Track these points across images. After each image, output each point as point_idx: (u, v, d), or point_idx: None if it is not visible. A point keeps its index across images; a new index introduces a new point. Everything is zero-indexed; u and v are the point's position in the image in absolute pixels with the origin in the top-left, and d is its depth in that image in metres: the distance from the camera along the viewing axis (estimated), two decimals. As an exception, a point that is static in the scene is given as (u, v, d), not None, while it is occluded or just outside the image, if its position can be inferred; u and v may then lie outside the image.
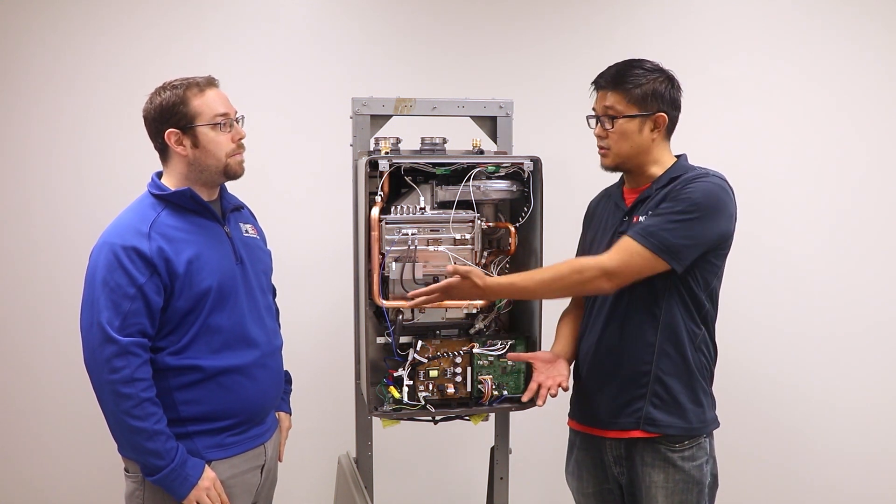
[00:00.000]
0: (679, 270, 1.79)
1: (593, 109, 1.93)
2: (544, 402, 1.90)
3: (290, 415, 2.06)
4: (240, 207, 1.96)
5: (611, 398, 1.91)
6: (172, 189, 1.79)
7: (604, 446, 1.95)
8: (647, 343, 1.86)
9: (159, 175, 1.84)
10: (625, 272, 1.79)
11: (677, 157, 1.95)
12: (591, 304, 1.98)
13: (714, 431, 1.94)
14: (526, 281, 1.85)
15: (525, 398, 1.95)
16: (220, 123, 1.77)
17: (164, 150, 1.80)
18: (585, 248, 2.06)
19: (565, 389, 1.91)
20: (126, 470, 1.79)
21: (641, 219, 1.85)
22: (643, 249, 1.77)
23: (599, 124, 1.90)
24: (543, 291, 1.87)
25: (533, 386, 1.90)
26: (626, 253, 1.79)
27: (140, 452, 1.68)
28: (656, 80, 1.87)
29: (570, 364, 1.98)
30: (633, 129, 1.86)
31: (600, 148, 1.92)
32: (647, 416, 1.86)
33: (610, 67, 1.91)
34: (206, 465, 1.75)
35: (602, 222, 2.01)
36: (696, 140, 2.12)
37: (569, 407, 2.09)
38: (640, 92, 1.85)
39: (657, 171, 1.91)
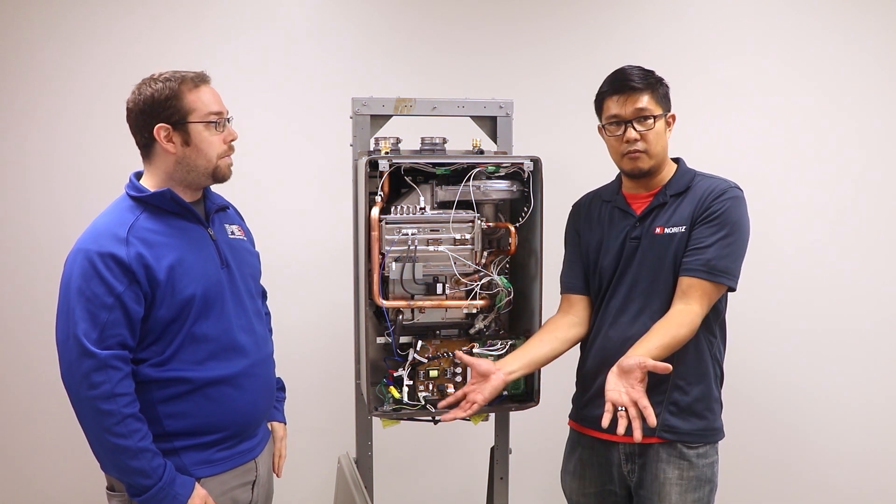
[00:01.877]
0: (735, 288, 1.86)
1: (615, 116, 1.89)
2: (452, 419, 1.86)
3: (285, 424, 1.99)
4: (225, 207, 1.86)
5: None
6: (152, 190, 1.68)
7: (614, 446, 1.94)
8: None
9: (138, 175, 1.74)
10: (704, 313, 1.84)
11: (674, 160, 1.97)
12: (605, 306, 1.97)
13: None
14: (652, 354, 1.76)
15: (442, 405, 1.92)
16: (214, 122, 1.68)
17: (148, 147, 1.69)
18: (585, 251, 2.03)
19: (467, 415, 1.86)
20: (110, 489, 1.70)
21: (663, 229, 1.87)
22: (715, 286, 1.83)
23: (630, 128, 1.87)
24: (666, 354, 1.79)
25: (459, 394, 1.89)
26: (705, 295, 1.82)
27: (124, 472, 1.58)
28: (664, 81, 1.92)
29: (507, 383, 1.88)
30: (663, 128, 1.90)
31: (634, 152, 1.88)
32: (664, 423, 1.87)
33: (625, 71, 1.90)
34: (196, 483, 1.66)
35: (605, 226, 1.99)
36: (696, 140, 2.12)
37: (570, 406, 2.08)
38: (662, 92, 1.91)
39: (666, 174, 1.94)
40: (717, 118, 2.87)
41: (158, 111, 1.65)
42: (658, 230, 1.89)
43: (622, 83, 1.89)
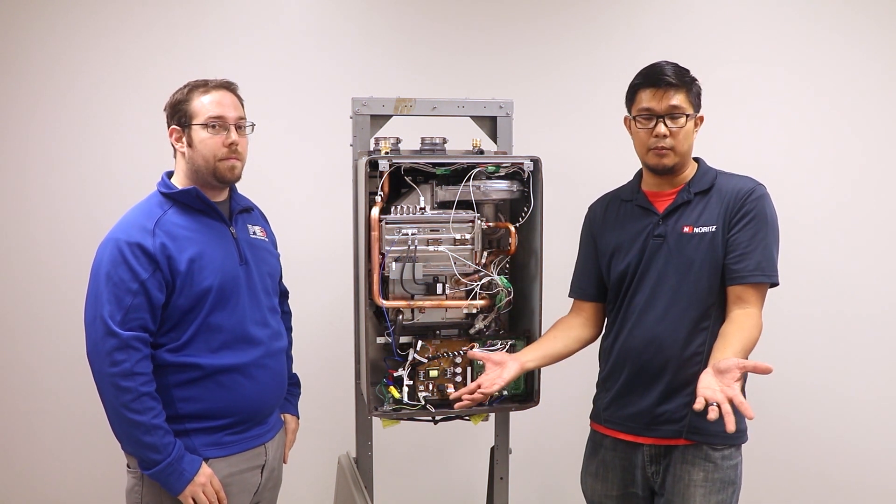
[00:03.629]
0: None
1: (647, 109, 1.87)
2: (463, 408, 1.89)
3: (298, 418, 2.07)
4: (250, 209, 1.98)
5: (653, 407, 1.89)
6: (180, 188, 1.81)
7: (638, 448, 1.93)
8: (695, 351, 1.85)
9: (170, 174, 1.87)
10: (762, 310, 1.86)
11: (695, 159, 1.97)
12: (627, 305, 1.94)
13: None
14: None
15: (454, 395, 1.90)
16: (212, 125, 1.78)
17: (172, 147, 1.84)
18: (602, 255, 2.01)
19: (488, 398, 1.88)
20: (128, 466, 1.81)
21: (692, 228, 1.86)
22: (767, 286, 1.86)
23: (661, 123, 1.86)
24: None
25: (473, 385, 1.86)
26: (761, 297, 1.85)
27: (137, 446, 1.70)
28: (697, 81, 1.92)
29: (522, 370, 1.91)
30: (692, 128, 1.90)
31: (661, 148, 1.87)
32: (691, 424, 1.85)
33: (662, 66, 1.89)
34: (203, 463, 1.76)
35: (625, 227, 1.97)
36: (696, 140, 2.12)
37: (570, 406, 2.08)
38: (695, 91, 1.91)
39: (688, 172, 1.94)
40: (718, 118, 2.86)
41: (173, 114, 1.82)
42: (686, 229, 1.87)
43: (658, 77, 1.87)
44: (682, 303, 1.87)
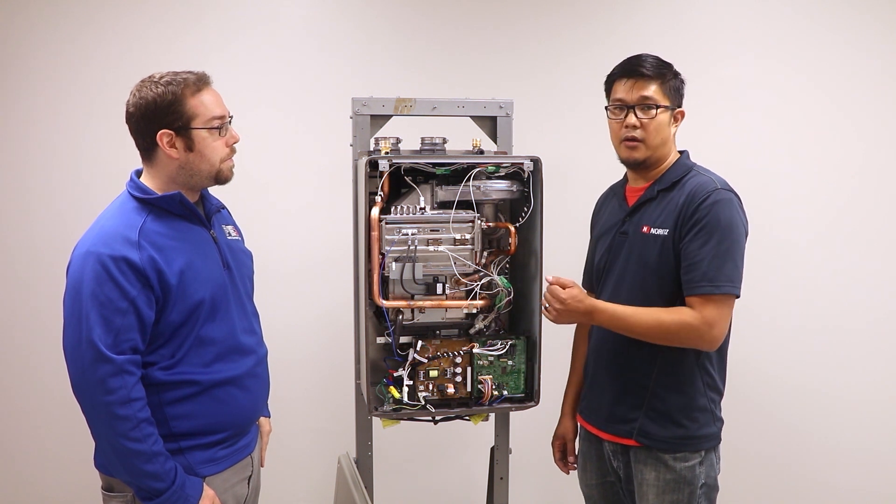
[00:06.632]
0: (739, 295, 1.78)
1: (619, 100, 1.86)
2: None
3: (269, 418, 2.00)
4: (220, 208, 1.86)
5: (610, 404, 1.93)
6: (158, 192, 1.66)
7: (603, 442, 1.98)
8: (649, 355, 1.85)
9: (138, 173, 1.71)
10: (721, 324, 1.76)
11: (680, 152, 1.94)
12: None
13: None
14: (627, 312, 1.81)
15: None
16: (217, 128, 1.66)
17: (149, 150, 1.67)
18: (592, 248, 2.07)
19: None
20: (107, 489, 1.68)
21: (650, 229, 1.84)
22: (722, 297, 1.75)
23: (632, 113, 1.84)
24: (640, 329, 1.79)
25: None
26: (710, 306, 1.74)
27: (137, 476, 1.57)
28: (679, 76, 1.88)
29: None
30: (666, 121, 1.86)
31: (632, 139, 1.85)
32: (641, 428, 1.87)
33: (640, 57, 1.87)
34: (203, 483, 1.67)
35: (606, 221, 2.02)
36: (696, 140, 2.12)
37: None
38: (673, 85, 1.86)
39: (664, 168, 1.90)
40: (718, 117, 2.87)
41: (161, 116, 1.62)
42: (645, 229, 1.86)
43: (633, 68, 1.86)
44: (637, 303, 1.85)
